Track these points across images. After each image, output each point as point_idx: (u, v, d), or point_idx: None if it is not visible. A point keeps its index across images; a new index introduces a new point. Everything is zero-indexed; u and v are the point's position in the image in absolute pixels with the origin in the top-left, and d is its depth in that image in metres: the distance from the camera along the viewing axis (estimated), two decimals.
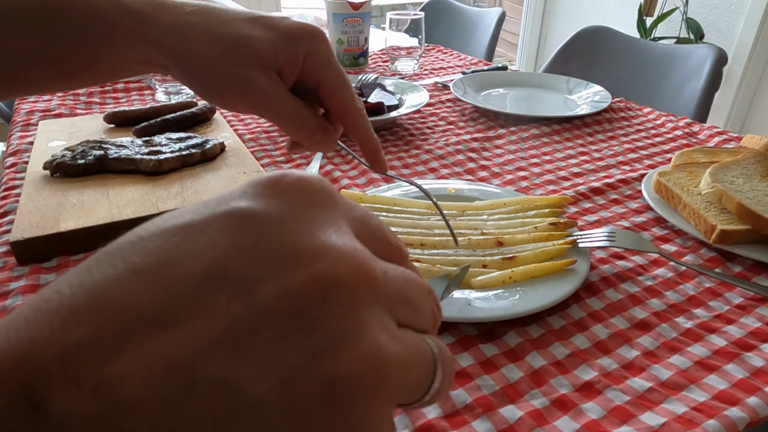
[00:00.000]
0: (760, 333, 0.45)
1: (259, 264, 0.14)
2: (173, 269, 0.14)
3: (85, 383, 0.12)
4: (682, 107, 1.18)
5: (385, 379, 0.15)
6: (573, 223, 0.55)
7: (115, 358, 0.13)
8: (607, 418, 0.37)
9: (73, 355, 0.13)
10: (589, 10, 2.85)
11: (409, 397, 0.17)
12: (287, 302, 0.14)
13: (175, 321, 0.13)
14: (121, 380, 0.13)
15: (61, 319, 0.13)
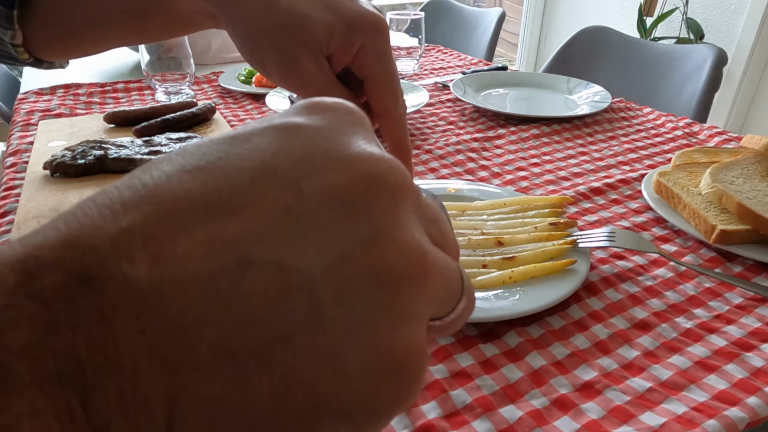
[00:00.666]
0: (760, 333, 0.45)
1: (307, 163, 0.15)
2: (222, 167, 0.14)
3: (140, 260, 0.13)
4: (682, 107, 1.18)
5: (426, 274, 0.15)
6: (573, 223, 0.55)
7: (169, 239, 0.13)
8: (607, 418, 0.37)
9: (126, 238, 0.13)
10: (589, 10, 2.85)
11: (440, 309, 0.18)
12: (335, 195, 0.15)
13: (228, 210, 0.14)
14: (175, 258, 0.13)
15: (111, 210, 0.13)
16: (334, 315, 0.14)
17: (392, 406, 0.15)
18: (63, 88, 1.03)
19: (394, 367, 0.15)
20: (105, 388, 0.12)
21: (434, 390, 0.39)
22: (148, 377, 0.12)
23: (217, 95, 1.03)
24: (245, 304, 0.13)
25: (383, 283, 0.14)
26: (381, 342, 0.14)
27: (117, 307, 0.12)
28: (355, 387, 0.14)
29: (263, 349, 0.13)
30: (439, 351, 0.42)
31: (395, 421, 0.37)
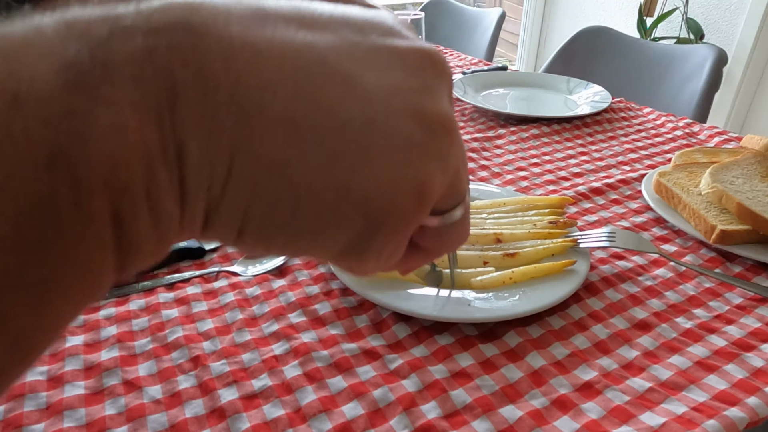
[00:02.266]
0: (760, 333, 0.45)
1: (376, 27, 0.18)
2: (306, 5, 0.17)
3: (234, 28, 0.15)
4: (682, 107, 1.18)
5: (453, 137, 0.19)
6: (573, 223, 0.55)
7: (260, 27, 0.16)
8: (607, 418, 0.37)
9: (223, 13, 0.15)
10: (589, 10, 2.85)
11: (447, 197, 0.20)
12: (396, 52, 0.18)
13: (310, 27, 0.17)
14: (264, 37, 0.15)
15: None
16: (382, 128, 0.17)
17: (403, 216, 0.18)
18: None
19: (416, 187, 0.17)
20: (190, 105, 0.14)
21: (434, 390, 0.39)
22: (225, 112, 0.15)
23: None
24: (315, 89, 0.16)
25: (421, 123, 0.17)
26: (412, 165, 0.17)
27: (210, 49, 0.14)
28: (382, 189, 0.17)
29: (320, 129, 0.16)
30: (439, 351, 0.42)
31: (395, 421, 0.37)
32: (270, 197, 0.16)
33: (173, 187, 0.15)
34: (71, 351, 0.42)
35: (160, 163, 0.14)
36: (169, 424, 0.36)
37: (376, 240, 0.18)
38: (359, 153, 0.16)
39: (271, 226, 0.17)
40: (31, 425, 0.36)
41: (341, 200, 0.17)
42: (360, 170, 0.16)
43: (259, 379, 0.40)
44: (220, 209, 0.16)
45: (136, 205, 0.14)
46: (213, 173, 0.15)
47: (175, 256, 0.53)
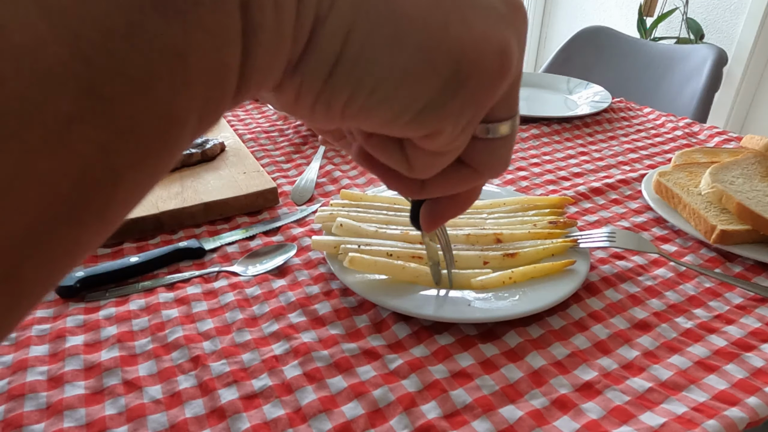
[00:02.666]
0: (760, 333, 0.45)
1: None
2: None
3: None
4: (682, 107, 1.18)
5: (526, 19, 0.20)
6: (573, 223, 0.55)
7: None
8: (607, 418, 0.37)
9: None
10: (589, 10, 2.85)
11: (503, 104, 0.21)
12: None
13: None
14: None
15: None
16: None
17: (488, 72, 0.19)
18: None
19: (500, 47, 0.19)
20: None
21: (434, 390, 0.39)
22: None
23: None
24: None
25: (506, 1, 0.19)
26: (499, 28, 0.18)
27: None
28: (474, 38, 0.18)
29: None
30: (439, 351, 0.42)
31: (395, 421, 0.37)
32: (372, 23, 0.17)
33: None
34: (71, 351, 0.42)
35: None
36: (169, 424, 0.36)
37: (459, 95, 0.19)
38: (456, 4, 0.18)
39: (368, 58, 0.17)
40: (31, 425, 0.36)
41: (436, 42, 0.17)
42: (455, 17, 0.17)
43: (259, 379, 0.40)
44: (326, 24, 0.16)
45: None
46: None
47: (175, 256, 0.53)
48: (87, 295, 0.48)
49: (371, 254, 0.48)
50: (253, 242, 0.57)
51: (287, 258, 0.53)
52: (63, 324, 0.44)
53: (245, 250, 0.55)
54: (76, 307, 0.47)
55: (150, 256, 0.52)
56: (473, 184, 0.24)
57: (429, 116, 0.19)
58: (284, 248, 0.54)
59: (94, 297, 0.48)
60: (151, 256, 0.52)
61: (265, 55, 0.16)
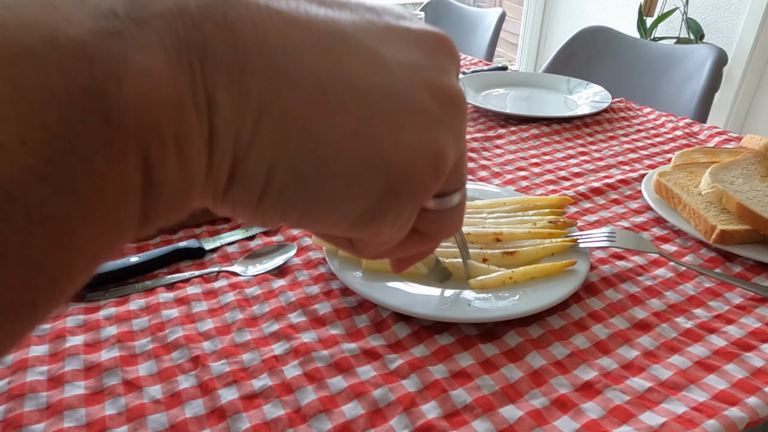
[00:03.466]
0: (760, 333, 0.45)
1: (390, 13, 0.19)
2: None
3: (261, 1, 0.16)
4: (682, 107, 1.18)
5: (463, 115, 0.20)
6: (572, 223, 0.55)
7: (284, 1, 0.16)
8: (607, 418, 0.37)
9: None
10: (589, 10, 2.85)
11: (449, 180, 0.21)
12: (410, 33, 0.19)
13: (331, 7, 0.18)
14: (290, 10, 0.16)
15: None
16: (402, 97, 0.18)
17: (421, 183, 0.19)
18: None
19: (434, 156, 0.18)
20: (220, 62, 0.15)
21: (434, 390, 0.39)
22: (253, 70, 0.15)
23: None
24: (339, 58, 0.16)
25: (436, 97, 0.18)
26: (429, 134, 0.18)
27: (239, 15, 0.15)
28: (403, 155, 0.18)
29: (345, 94, 0.16)
30: (439, 351, 0.42)
31: (395, 421, 0.37)
32: (295, 155, 0.16)
33: (202, 134, 0.15)
34: (71, 351, 0.42)
35: (190, 108, 0.15)
36: (169, 424, 0.36)
37: (393, 206, 0.19)
38: (382, 119, 0.17)
39: (294, 186, 0.17)
40: (31, 425, 0.36)
41: (364, 163, 0.17)
42: (383, 135, 0.17)
43: (259, 379, 0.40)
44: (246, 163, 0.16)
45: (166, 147, 0.14)
46: (241, 125, 0.16)
47: (175, 256, 0.53)
48: (87, 295, 0.48)
49: None
50: (253, 242, 0.57)
51: (287, 258, 0.53)
52: (63, 324, 0.44)
53: (245, 250, 0.55)
54: (76, 307, 0.47)
55: (150, 256, 0.52)
56: (426, 247, 0.25)
57: (365, 224, 0.19)
58: (284, 248, 0.54)
59: (94, 297, 0.48)
60: (151, 256, 0.52)
61: (171, 201, 0.15)
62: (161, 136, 0.14)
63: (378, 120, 0.17)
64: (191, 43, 0.14)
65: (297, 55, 0.16)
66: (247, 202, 0.17)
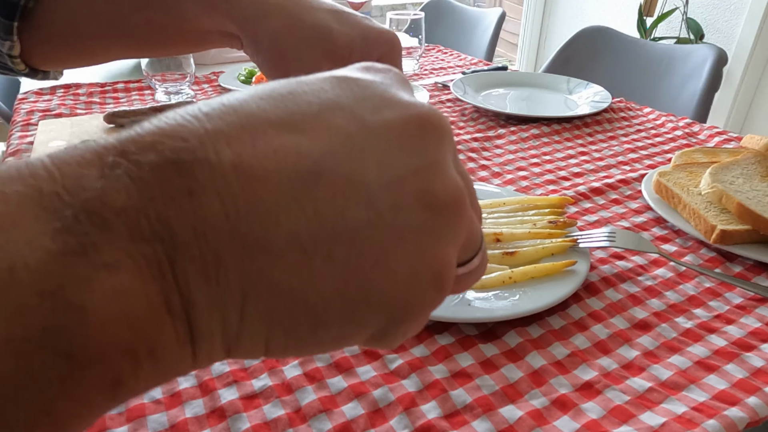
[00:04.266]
0: (760, 333, 0.45)
1: (366, 103, 0.17)
2: (292, 99, 0.16)
3: (224, 155, 0.14)
4: (682, 107, 1.18)
5: (463, 208, 0.18)
6: (572, 223, 0.55)
7: (250, 143, 0.15)
8: (607, 418, 0.37)
9: (212, 137, 0.14)
10: (589, 10, 2.85)
11: (463, 252, 0.20)
12: (392, 129, 0.17)
13: (301, 130, 0.16)
14: (256, 157, 0.15)
15: (195, 117, 0.15)
16: (390, 224, 0.16)
17: (425, 306, 0.18)
18: (63, 88, 1.03)
19: (433, 275, 0.17)
20: (192, 254, 0.14)
21: (434, 390, 0.39)
22: (229, 254, 0.14)
23: (217, 95, 1.03)
24: (316, 204, 0.15)
25: (429, 207, 0.17)
26: (426, 254, 0.17)
27: (205, 189, 0.14)
28: (400, 288, 0.17)
29: (329, 245, 0.15)
30: (439, 351, 0.42)
31: (395, 421, 0.37)
32: (288, 323, 0.16)
33: (180, 339, 0.14)
34: None
35: (164, 319, 0.14)
36: (169, 424, 0.36)
37: (399, 330, 0.18)
38: (372, 257, 0.16)
39: (294, 345, 0.17)
40: None
41: (360, 307, 0.16)
42: (374, 274, 0.16)
43: (259, 379, 0.40)
44: (240, 343, 0.16)
45: (139, 364, 0.14)
46: (226, 316, 0.15)
47: None
48: None
49: None
50: None
51: None
52: None
53: None
54: None
55: None
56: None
57: (374, 345, 0.19)
58: None
59: None
60: None
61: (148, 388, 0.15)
62: (133, 355, 0.13)
63: (368, 259, 0.16)
64: (158, 240, 0.13)
65: (272, 219, 0.14)
66: (251, 358, 0.17)
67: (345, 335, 0.17)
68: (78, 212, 0.13)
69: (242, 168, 0.14)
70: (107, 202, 0.13)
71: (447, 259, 0.18)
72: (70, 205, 0.13)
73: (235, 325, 0.15)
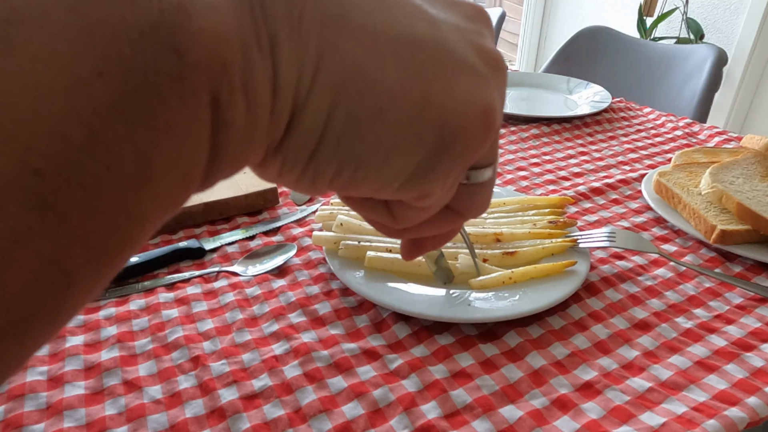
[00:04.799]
0: (760, 333, 0.45)
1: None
2: None
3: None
4: (682, 107, 1.18)
5: (506, 77, 0.20)
6: (572, 223, 0.55)
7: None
8: (607, 418, 0.37)
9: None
10: (589, 10, 2.85)
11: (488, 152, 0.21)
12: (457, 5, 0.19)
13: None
14: None
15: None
16: (452, 52, 0.18)
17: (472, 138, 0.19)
18: None
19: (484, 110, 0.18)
20: (280, 5, 0.15)
21: (434, 390, 0.39)
22: (311, 13, 0.15)
23: None
24: (390, 10, 0.17)
25: (484, 56, 0.19)
26: (480, 90, 0.18)
27: None
28: (456, 107, 0.18)
29: (398, 44, 0.17)
30: (439, 351, 0.42)
31: (395, 421, 0.37)
32: (353, 102, 0.16)
33: (267, 74, 0.15)
34: (71, 351, 0.42)
35: (254, 48, 0.15)
36: (169, 424, 0.36)
37: (446, 160, 0.19)
38: (435, 70, 0.17)
39: (350, 136, 0.17)
40: (31, 425, 0.36)
41: (419, 113, 0.17)
42: (436, 86, 0.17)
43: (259, 379, 0.40)
44: (306, 108, 0.16)
45: (234, 87, 0.14)
46: (302, 68, 0.16)
47: (175, 256, 0.53)
48: None
49: (372, 250, 0.48)
50: (253, 242, 0.57)
51: (287, 258, 0.53)
52: None
53: (245, 250, 0.55)
54: None
55: (150, 256, 0.52)
56: (454, 225, 0.25)
57: (417, 182, 0.19)
58: (284, 248, 0.54)
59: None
60: (151, 256, 0.52)
61: (236, 148, 0.16)
62: (229, 75, 0.14)
63: (430, 71, 0.17)
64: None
65: (350, 5, 0.16)
66: (299, 156, 0.17)
67: (397, 144, 0.17)
68: None
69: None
70: None
71: (495, 103, 0.19)
72: None
73: (307, 82, 0.16)
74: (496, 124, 0.19)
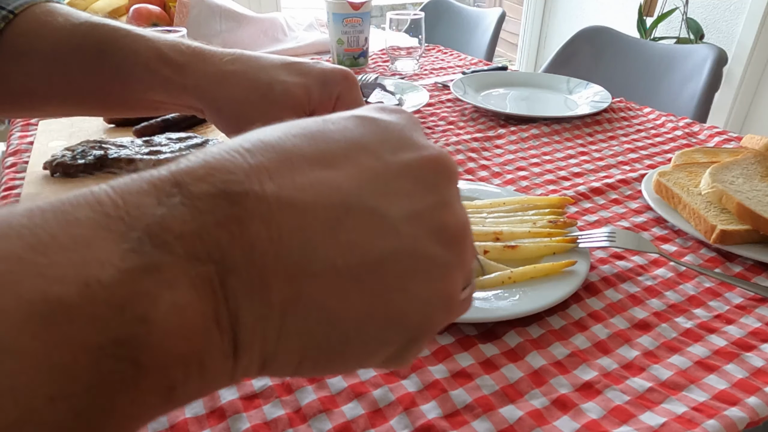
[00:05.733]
0: (760, 333, 0.45)
1: (387, 144, 0.20)
2: (321, 137, 0.18)
3: (268, 187, 0.16)
4: (682, 107, 1.18)
5: (470, 240, 0.21)
6: (572, 223, 0.55)
7: (289, 176, 0.17)
8: (607, 418, 0.37)
9: (256, 171, 0.16)
10: (589, 10, 2.85)
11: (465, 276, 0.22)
12: (410, 169, 0.19)
13: (332, 165, 0.18)
14: (295, 189, 0.16)
15: (239, 153, 0.17)
16: (411, 254, 0.18)
17: (437, 325, 0.20)
18: None
19: (445, 299, 0.19)
20: (241, 275, 0.15)
21: (434, 390, 0.39)
22: (273, 275, 0.16)
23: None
24: (348, 234, 0.17)
25: (442, 239, 0.19)
26: (439, 280, 0.19)
27: (252, 217, 0.15)
28: (419, 309, 0.19)
29: (360, 270, 0.17)
30: (439, 351, 0.42)
31: (395, 421, 0.37)
32: (321, 340, 0.17)
33: (225, 351, 0.16)
34: None
35: (214, 332, 0.15)
36: (169, 424, 0.36)
37: (415, 347, 0.20)
38: (395, 282, 0.18)
39: (324, 362, 0.18)
40: None
41: (384, 327, 0.18)
42: (398, 297, 0.18)
43: (259, 379, 0.40)
44: (276, 358, 0.17)
45: (190, 373, 0.15)
46: (266, 331, 0.16)
47: None
48: None
49: None
50: None
51: None
52: None
53: None
54: None
55: None
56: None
57: (389, 365, 0.21)
58: None
59: None
60: None
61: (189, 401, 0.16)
62: (186, 365, 0.15)
63: (392, 284, 0.18)
64: (211, 261, 0.15)
65: (311, 246, 0.16)
66: (283, 375, 0.19)
67: (369, 353, 0.19)
68: (142, 235, 0.14)
69: (284, 199, 0.16)
70: (167, 228, 0.14)
71: (456, 285, 0.20)
72: (135, 228, 0.14)
73: (273, 340, 0.16)
74: (458, 303, 0.21)
